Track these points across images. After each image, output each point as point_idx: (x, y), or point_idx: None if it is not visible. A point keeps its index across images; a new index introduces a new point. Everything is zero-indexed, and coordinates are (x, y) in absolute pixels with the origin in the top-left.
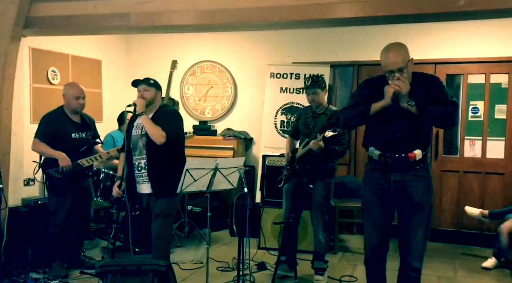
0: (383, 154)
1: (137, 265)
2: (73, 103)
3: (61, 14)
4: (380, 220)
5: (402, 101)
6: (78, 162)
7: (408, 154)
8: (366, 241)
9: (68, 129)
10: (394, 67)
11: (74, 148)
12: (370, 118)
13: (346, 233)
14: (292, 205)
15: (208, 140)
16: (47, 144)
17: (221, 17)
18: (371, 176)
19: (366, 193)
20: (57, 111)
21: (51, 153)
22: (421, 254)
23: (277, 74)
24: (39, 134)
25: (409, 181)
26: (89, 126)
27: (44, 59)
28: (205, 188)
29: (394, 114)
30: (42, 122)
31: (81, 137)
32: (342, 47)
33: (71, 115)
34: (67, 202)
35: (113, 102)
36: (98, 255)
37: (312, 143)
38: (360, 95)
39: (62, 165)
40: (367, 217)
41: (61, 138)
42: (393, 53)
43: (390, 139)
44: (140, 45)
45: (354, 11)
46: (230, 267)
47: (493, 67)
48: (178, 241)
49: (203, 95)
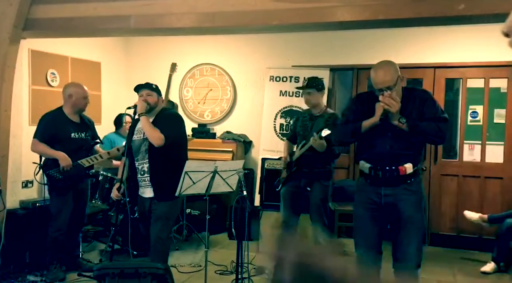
0: (373, 167)
1: (135, 268)
2: (82, 103)
3: (61, 16)
4: (373, 236)
5: (393, 119)
6: (78, 162)
7: (399, 167)
8: (358, 260)
9: (68, 129)
10: (383, 86)
11: (74, 148)
12: (362, 134)
13: (345, 237)
14: (289, 209)
15: (207, 143)
16: (46, 144)
17: (220, 20)
18: (363, 191)
19: (358, 208)
20: (56, 112)
21: (51, 153)
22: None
23: (277, 77)
24: (38, 135)
25: (400, 195)
26: (88, 127)
27: (44, 61)
28: (204, 191)
29: (385, 128)
30: (41, 123)
31: (81, 137)
32: (341, 51)
33: (70, 116)
34: (68, 205)
35: (112, 105)
36: (96, 257)
37: (312, 140)
38: (351, 112)
39: (63, 164)
40: (359, 234)
41: (61, 138)
42: (382, 71)
43: (381, 152)
44: (140, 48)
45: (354, 14)
46: (229, 270)
47: (492, 72)
48: (176, 244)
49: (202, 98)
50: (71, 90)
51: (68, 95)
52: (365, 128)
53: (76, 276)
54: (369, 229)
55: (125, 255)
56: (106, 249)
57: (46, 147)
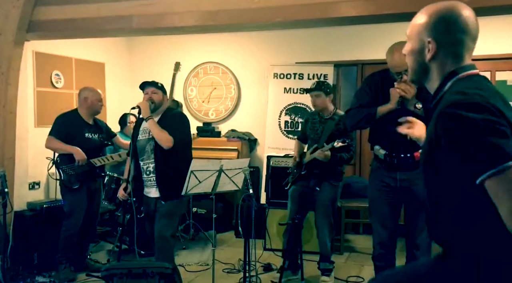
0: (388, 154)
1: (143, 268)
2: (97, 105)
3: (64, 17)
4: (387, 218)
5: (409, 104)
6: (90, 161)
7: (414, 153)
8: (375, 238)
9: (82, 129)
10: (401, 69)
11: (87, 147)
12: (376, 120)
13: (352, 234)
14: (297, 207)
15: (212, 142)
16: None
17: (224, 18)
18: (377, 174)
19: (372, 191)
20: (72, 113)
21: (66, 148)
22: (428, 251)
23: (281, 75)
24: (54, 132)
25: (415, 180)
26: (101, 129)
27: (48, 62)
28: (210, 190)
29: (400, 114)
30: (57, 121)
31: (93, 138)
32: (345, 47)
33: (85, 118)
34: (82, 203)
35: (116, 105)
36: (103, 258)
37: (318, 153)
38: (365, 94)
39: (77, 158)
40: (374, 215)
41: (75, 137)
42: (398, 54)
43: (396, 139)
44: (143, 48)
45: (358, 9)
46: (236, 268)
47: (498, 64)
48: (183, 243)
49: (206, 97)
50: (86, 93)
51: (84, 98)
52: (380, 114)
53: (85, 276)
54: (382, 209)
55: (132, 255)
56: (113, 249)
57: (61, 143)
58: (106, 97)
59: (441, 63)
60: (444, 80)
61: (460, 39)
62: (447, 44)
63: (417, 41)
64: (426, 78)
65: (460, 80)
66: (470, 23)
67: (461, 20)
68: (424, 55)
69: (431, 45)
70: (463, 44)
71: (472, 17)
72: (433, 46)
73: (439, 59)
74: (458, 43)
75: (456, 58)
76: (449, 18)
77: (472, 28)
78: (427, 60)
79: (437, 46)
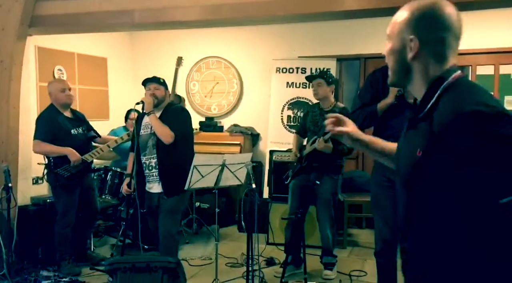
0: None
1: (147, 262)
2: (61, 96)
3: (66, 12)
4: (389, 213)
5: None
6: (82, 158)
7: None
8: (376, 234)
9: (67, 126)
10: None
11: (76, 144)
12: (380, 116)
13: (355, 228)
14: (298, 202)
15: (215, 136)
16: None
17: (226, 12)
18: (379, 169)
19: (374, 186)
20: (50, 109)
21: (58, 150)
22: None
23: (283, 69)
24: (40, 135)
25: None
26: (82, 120)
27: (50, 57)
28: (212, 185)
29: (402, 107)
30: (40, 123)
31: (79, 133)
32: (348, 41)
33: (63, 111)
34: (75, 202)
35: (119, 100)
36: (107, 252)
37: (318, 142)
38: (367, 93)
39: (73, 159)
40: (376, 210)
41: (63, 136)
42: None
43: (398, 133)
44: (145, 42)
45: (361, 3)
46: (239, 263)
47: (502, 58)
48: (186, 238)
49: (209, 91)
50: (49, 88)
51: (49, 93)
52: (381, 110)
53: (89, 270)
54: (384, 204)
55: (136, 249)
56: (117, 243)
57: (51, 145)
58: (108, 92)
59: (424, 63)
60: (431, 87)
61: (442, 37)
62: (429, 42)
63: (398, 39)
64: (408, 79)
65: (453, 86)
66: (454, 20)
67: (444, 17)
68: (405, 55)
69: (413, 43)
70: (445, 42)
71: (455, 15)
72: (416, 44)
73: (422, 59)
74: (441, 42)
75: (439, 57)
76: (432, 15)
77: (455, 27)
78: (408, 60)
79: (419, 44)
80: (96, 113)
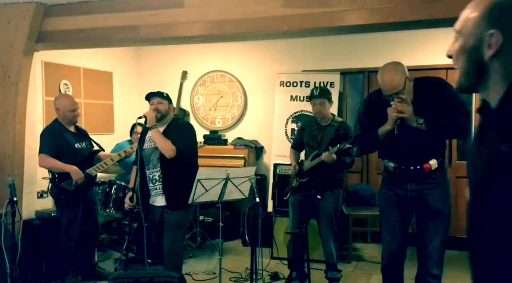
0: (398, 167)
1: (150, 277)
2: (70, 115)
3: (72, 28)
4: (397, 227)
5: (410, 121)
6: (86, 172)
7: (424, 165)
8: (384, 248)
9: (71, 140)
10: (391, 92)
11: (80, 159)
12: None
13: (360, 242)
14: (299, 217)
15: (219, 150)
16: (54, 158)
17: (230, 27)
18: (387, 184)
19: (382, 200)
20: (55, 125)
21: (62, 167)
22: (440, 261)
23: (287, 83)
24: (45, 149)
25: (427, 190)
26: (85, 135)
27: (56, 72)
28: (216, 199)
29: (405, 130)
30: (44, 137)
31: (83, 147)
32: (352, 54)
33: (68, 127)
34: (79, 215)
35: (124, 114)
36: (111, 266)
37: (324, 155)
38: (366, 118)
39: (75, 178)
40: (384, 224)
41: (67, 151)
42: (388, 76)
43: (403, 154)
44: (151, 57)
45: (363, 18)
46: (243, 277)
47: None
48: (190, 252)
49: (213, 105)
50: (57, 103)
51: (56, 108)
52: (383, 135)
53: None
54: (393, 219)
55: (140, 264)
56: (121, 257)
57: (56, 161)
58: (114, 106)
59: (505, 63)
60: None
61: None
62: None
63: (471, 35)
64: (482, 83)
65: None
66: None
67: None
68: (481, 53)
69: (495, 39)
70: None
71: None
72: (498, 39)
73: (503, 57)
74: None
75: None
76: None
77: None
78: (486, 59)
79: (503, 40)
80: (102, 127)
